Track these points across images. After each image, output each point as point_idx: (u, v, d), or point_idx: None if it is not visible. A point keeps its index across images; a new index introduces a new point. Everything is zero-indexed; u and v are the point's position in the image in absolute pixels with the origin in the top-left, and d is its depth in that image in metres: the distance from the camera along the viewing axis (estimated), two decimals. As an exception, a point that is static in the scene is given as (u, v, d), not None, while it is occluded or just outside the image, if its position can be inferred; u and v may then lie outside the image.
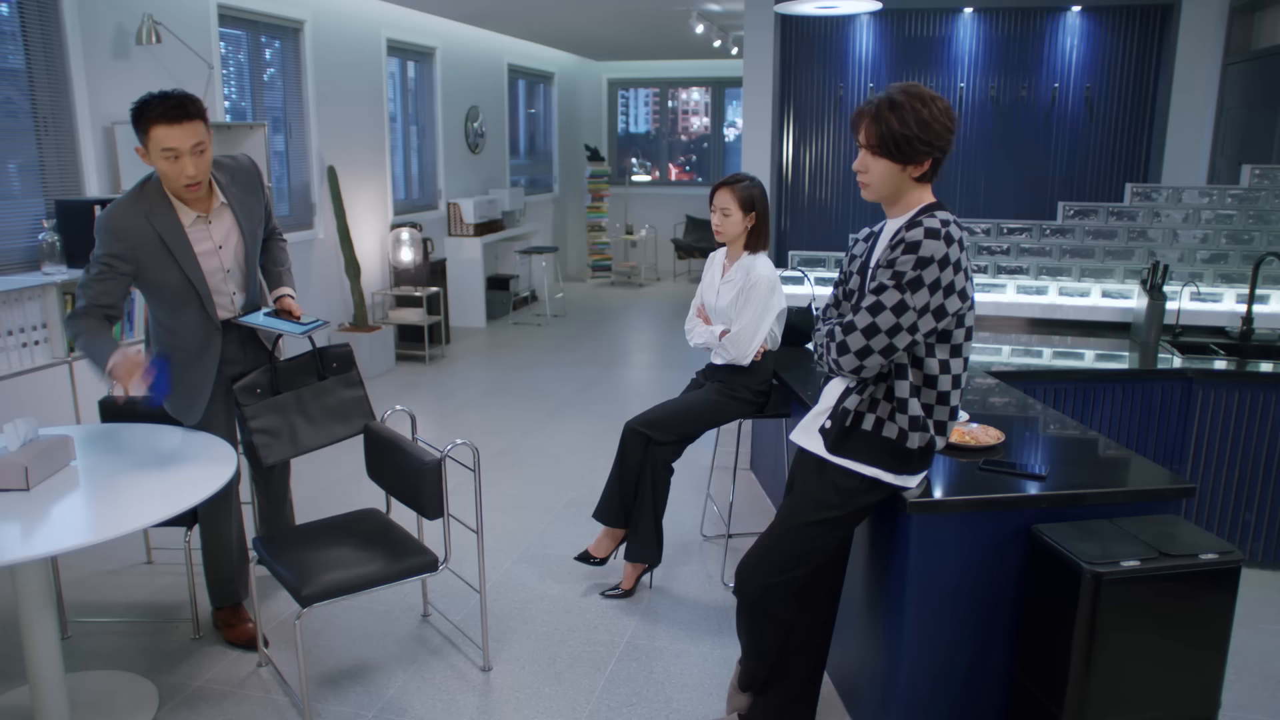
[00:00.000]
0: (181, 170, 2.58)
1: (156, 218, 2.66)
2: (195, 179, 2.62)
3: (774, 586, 2.30)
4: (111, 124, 4.61)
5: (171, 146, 2.55)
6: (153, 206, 2.66)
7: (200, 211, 2.74)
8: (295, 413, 2.99)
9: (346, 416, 3.09)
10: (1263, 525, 3.55)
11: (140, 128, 2.56)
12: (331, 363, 3.09)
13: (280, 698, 2.80)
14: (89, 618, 3.25)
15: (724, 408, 3.37)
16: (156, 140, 2.55)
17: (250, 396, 2.91)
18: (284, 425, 2.97)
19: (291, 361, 3.04)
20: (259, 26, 5.82)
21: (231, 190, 2.83)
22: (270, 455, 2.95)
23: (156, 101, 2.55)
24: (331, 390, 3.07)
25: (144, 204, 2.66)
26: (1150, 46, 5.74)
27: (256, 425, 2.91)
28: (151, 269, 2.68)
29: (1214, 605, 2.09)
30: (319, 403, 3.04)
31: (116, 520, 2.33)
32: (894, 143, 2.05)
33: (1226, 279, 4.20)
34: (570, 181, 11.56)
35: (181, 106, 2.55)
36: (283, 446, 2.97)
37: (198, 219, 2.74)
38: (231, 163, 2.89)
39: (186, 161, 2.58)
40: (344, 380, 3.11)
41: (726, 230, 3.31)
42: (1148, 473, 2.42)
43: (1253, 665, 2.98)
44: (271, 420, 2.93)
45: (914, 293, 2.02)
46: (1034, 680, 2.23)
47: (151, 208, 2.66)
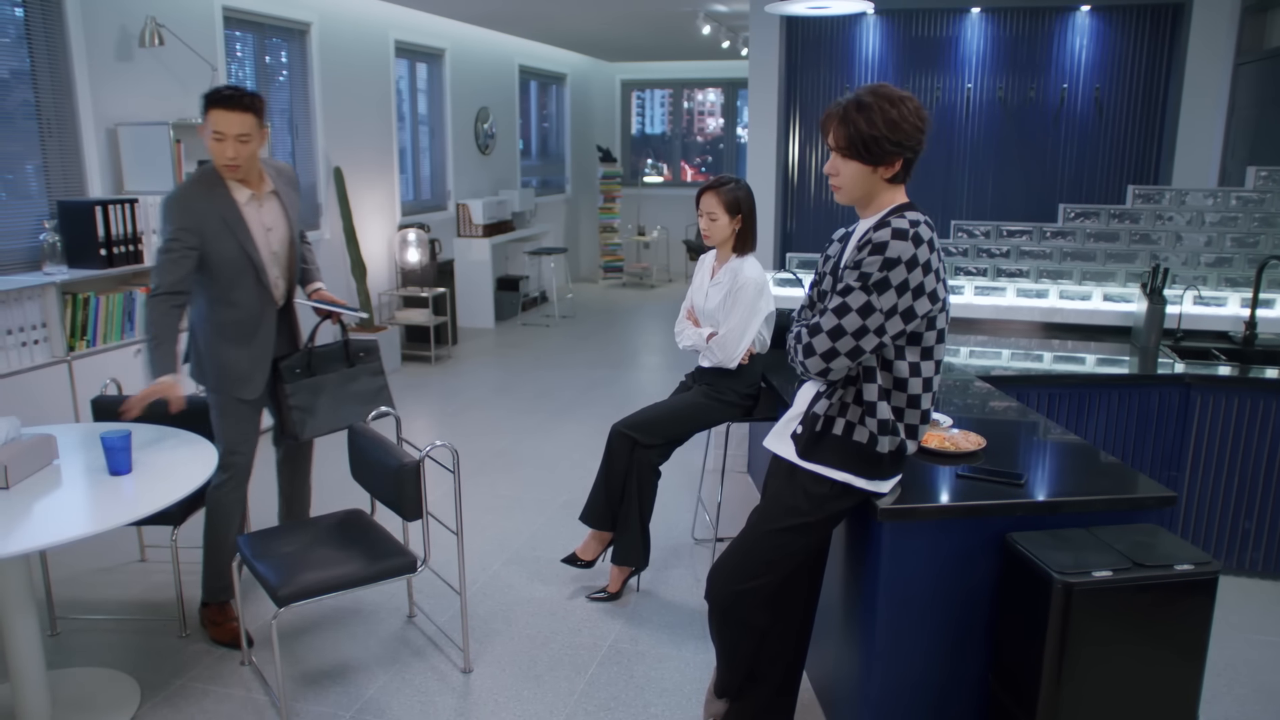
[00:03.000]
0: (222, 151, 2.86)
1: (214, 194, 2.93)
2: (233, 161, 2.88)
3: (744, 593, 2.28)
4: (114, 125, 4.66)
5: (219, 129, 2.84)
6: (211, 186, 2.94)
7: (253, 191, 3.00)
8: (327, 394, 3.27)
9: (370, 401, 3.37)
10: (1263, 534, 3.48)
11: (204, 109, 2.87)
12: (359, 352, 3.38)
13: (260, 696, 2.81)
14: (79, 615, 3.28)
15: (711, 411, 3.35)
16: (210, 121, 2.85)
17: (291, 375, 3.19)
18: (317, 404, 3.24)
19: (323, 349, 3.29)
20: (265, 29, 5.85)
21: (279, 183, 3.11)
22: (305, 431, 3.21)
23: (220, 90, 2.87)
24: (358, 377, 3.36)
25: (204, 183, 2.94)
26: (1161, 46, 5.66)
27: (294, 402, 3.18)
28: (213, 241, 2.91)
29: (1190, 617, 2.04)
30: (347, 387, 3.33)
31: (94, 518, 2.35)
32: (863, 144, 2.02)
33: (1231, 283, 4.12)
34: (582, 182, 11.57)
35: (237, 98, 2.85)
36: (316, 424, 3.24)
37: (251, 198, 2.99)
38: (278, 163, 3.18)
39: (228, 145, 2.86)
40: (370, 369, 3.40)
41: (714, 234, 3.29)
42: (1130, 481, 2.38)
43: (1245, 677, 2.92)
44: (307, 399, 3.21)
45: (880, 294, 1.99)
46: (1007, 691, 2.19)
47: (210, 187, 2.94)
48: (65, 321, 4.10)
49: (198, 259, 2.90)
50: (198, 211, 2.89)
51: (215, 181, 2.94)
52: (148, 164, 4.65)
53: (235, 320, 3.01)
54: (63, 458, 2.72)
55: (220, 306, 3.00)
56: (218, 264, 2.94)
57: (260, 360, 3.07)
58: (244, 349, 3.03)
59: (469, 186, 8.65)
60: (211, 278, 2.96)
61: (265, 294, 3.04)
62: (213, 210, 2.91)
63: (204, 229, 2.89)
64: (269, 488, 4.40)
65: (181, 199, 2.91)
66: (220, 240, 2.92)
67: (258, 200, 3.01)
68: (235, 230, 2.93)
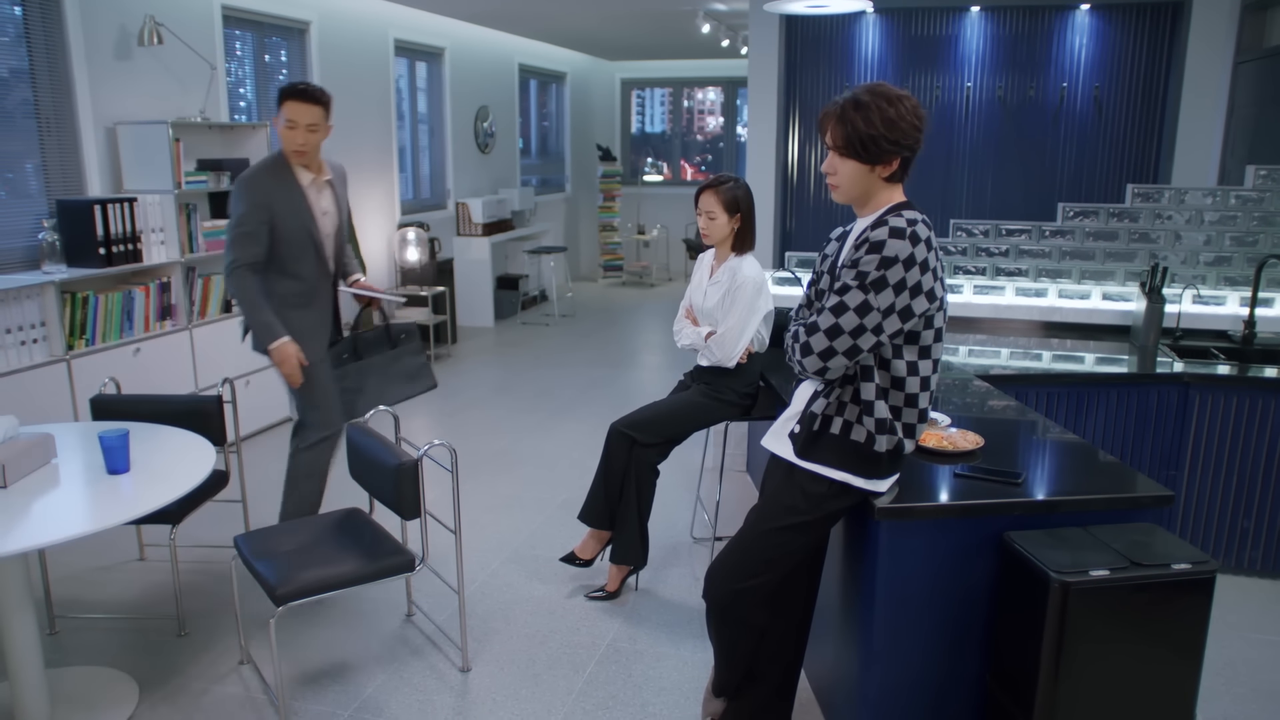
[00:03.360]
0: (293, 138, 3.21)
1: (282, 176, 3.26)
2: (302, 147, 3.23)
3: (743, 592, 2.28)
4: (114, 124, 4.66)
5: (292, 118, 3.19)
6: (279, 168, 3.26)
7: (314, 176, 3.32)
8: (374, 374, 3.59)
9: (415, 377, 3.71)
10: (1261, 533, 3.48)
11: (279, 101, 3.21)
12: (400, 334, 3.68)
13: (259, 695, 2.81)
14: (78, 614, 3.28)
15: (710, 410, 3.35)
16: (284, 111, 3.19)
17: (339, 360, 3.47)
18: (366, 384, 3.55)
19: (367, 334, 3.60)
20: (264, 27, 5.85)
21: (334, 176, 3.43)
22: (357, 409, 3.48)
23: (295, 84, 3.22)
24: (400, 358, 3.68)
25: (273, 167, 3.26)
26: (1160, 45, 5.66)
27: (346, 384, 3.48)
28: (281, 218, 3.22)
29: (1188, 616, 2.04)
30: (392, 368, 3.66)
31: (92, 517, 2.35)
32: (860, 143, 2.02)
33: (1230, 282, 4.12)
34: (582, 181, 11.56)
35: (310, 92, 3.21)
36: (366, 401, 3.51)
37: (312, 182, 3.32)
38: (333, 161, 3.49)
39: (299, 132, 3.20)
40: (411, 349, 3.73)
41: (713, 233, 3.29)
42: (1127, 480, 2.38)
43: (1244, 677, 2.92)
44: (356, 380, 3.52)
45: (878, 293, 1.99)
46: (1005, 690, 2.19)
47: (278, 169, 3.26)
48: (64, 320, 4.10)
49: (268, 235, 3.19)
50: (268, 190, 3.21)
51: (283, 165, 3.26)
52: (147, 163, 4.65)
53: (297, 291, 3.31)
54: (61, 456, 2.72)
55: (283, 278, 3.28)
56: (284, 239, 3.23)
57: (321, 324, 3.38)
58: (306, 312, 3.33)
59: (469, 185, 8.65)
60: (277, 251, 3.24)
61: (323, 268, 3.36)
62: (281, 190, 3.23)
63: (274, 206, 3.20)
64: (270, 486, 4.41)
65: (254, 179, 3.21)
66: (287, 217, 3.23)
67: (317, 186, 3.33)
68: (299, 209, 3.26)
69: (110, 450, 2.56)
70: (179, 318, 4.74)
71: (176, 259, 4.69)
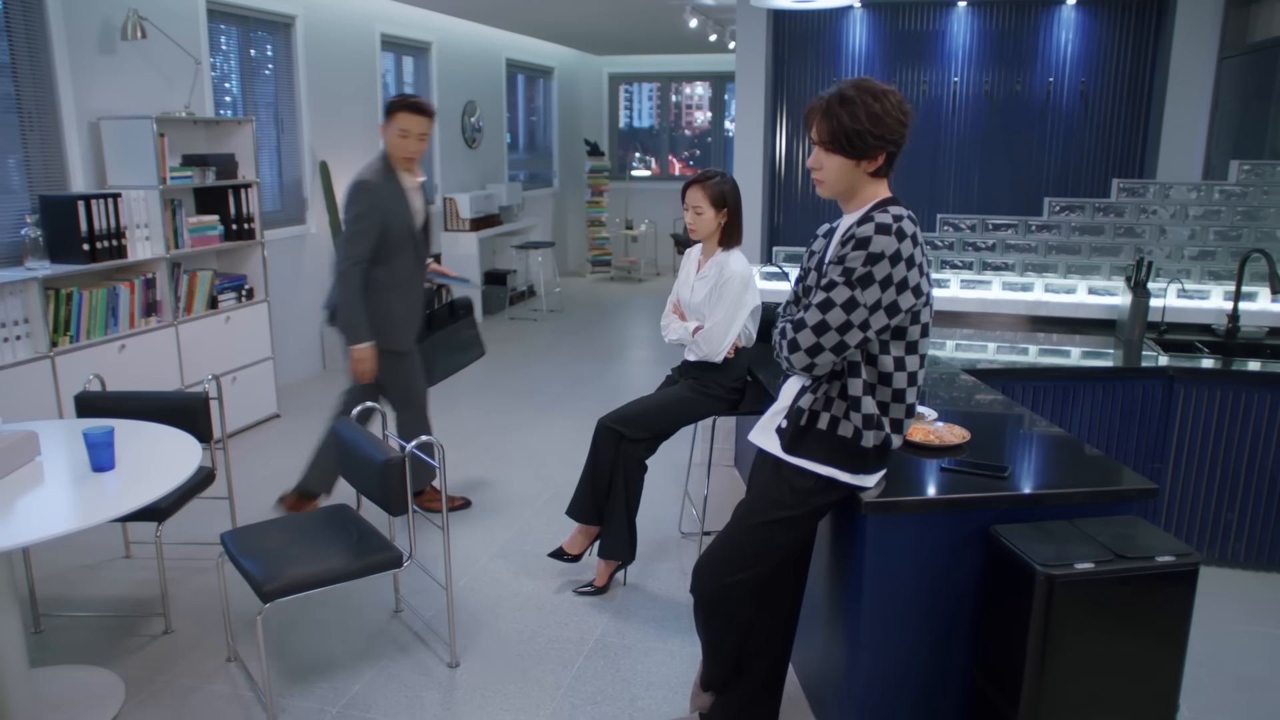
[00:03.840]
0: (406, 146, 3.55)
1: (389, 179, 3.58)
2: (414, 155, 3.60)
3: (730, 586, 2.28)
4: (97, 119, 4.62)
5: (406, 128, 3.52)
6: (389, 173, 3.58)
7: (412, 178, 3.67)
8: (441, 346, 4.01)
9: (469, 347, 4.18)
10: (1244, 525, 3.51)
11: (390, 112, 3.53)
12: (460, 310, 4.13)
13: (246, 692, 2.80)
14: (64, 612, 3.26)
15: (697, 405, 3.35)
16: (399, 121, 3.51)
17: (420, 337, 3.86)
18: (435, 357, 3.96)
19: (436, 310, 4.01)
20: (249, 22, 5.81)
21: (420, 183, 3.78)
22: (432, 379, 3.94)
23: (408, 97, 3.55)
24: (460, 330, 4.14)
25: (383, 171, 3.57)
26: (1145, 40, 5.69)
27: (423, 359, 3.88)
28: (390, 217, 3.54)
29: (1171, 607, 2.06)
30: (453, 339, 4.10)
31: (77, 514, 2.34)
32: (846, 138, 2.02)
33: (1215, 276, 4.15)
34: (570, 176, 11.54)
35: (423, 106, 3.56)
36: (436, 373, 3.98)
37: (410, 186, 3.66)
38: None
39: (411, 142, 3.55)
40: (467, 322, 4.18)
41: (700, 228, 3.29)
42: (1112, 473, 2.39)
43: (1227, 668, 2.95)
44: (429, 354, 3.92)
45: (864, 289, 2.00)
46: (991, 682, 2.21)
47: (388, 174, 3.58)
48: (48, 317, 4.07)
49: (378, 233, 3.50)
50: (382, 194, 3.53)
51: (390, 169, 3.59)
52: (131, 158, 4.61)
53: (398, 282, 3.62)
54: (45, 454, 2.70)
55: (386, 270, 3.59)
56: (389, 235, 3.55)
57: (415, 311, 3.74)
58: (405, 300, 3.66)
59: (456, 180, 8.62)
60: (382, 248, 3.55)
61: (419, 260, 3.73)
62: (391, 193, 3.56)
63: (386, 208, 3.53)
64: (257, 483, 4.39)
65: (372, 184, 3.52)
66: (394, 216, 3.56)
67: (414, 189, 3.69)
68: (404, 210, 3.61)
69: (95, 447, 2.54)
70: (164, 314, 4.71)
71: (162, 255, 4.66)
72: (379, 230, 3.49)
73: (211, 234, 5.04)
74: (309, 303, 6.45)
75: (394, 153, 3.55)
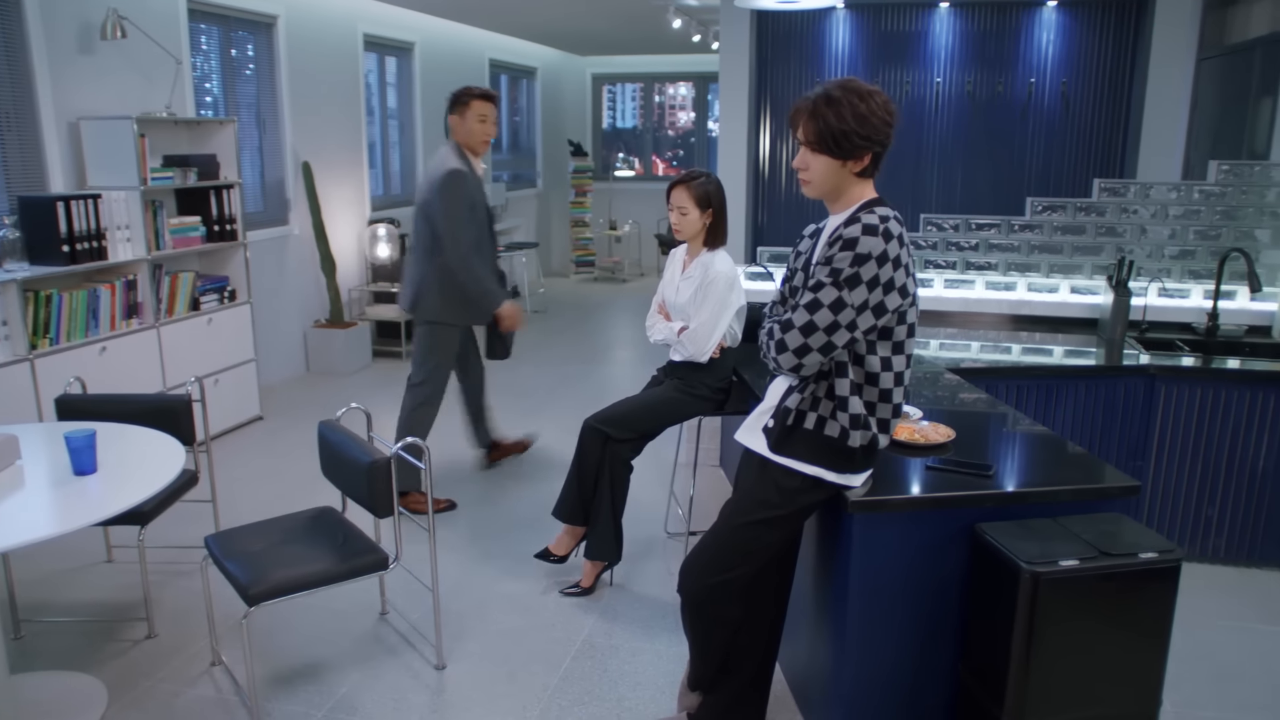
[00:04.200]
0: (486, 131, 3.93)
1: (470, 167, 3.94)
2: (491, 139, 3.98)
3: (716, 585, 2.28)
4: (76, 119, 4.58)
5: (485, 114, 3.92)
6: (466, 161, 3.92)
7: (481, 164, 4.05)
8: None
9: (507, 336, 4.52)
10: (1224, 522, 3.55)
11: (464, 101, 3.91)
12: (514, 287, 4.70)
13: (231, 697, 2.78)
14: (45, 617, 3.23)
15: (683, 405, 3.36)
16: (476, 109, 3.90)
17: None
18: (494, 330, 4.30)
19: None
20: (231, 21, 5.77)
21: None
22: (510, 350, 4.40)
23: (477, 87, 3.97)
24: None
25: (464, 159, 3.91)
26: (1125, 41, 5.74)
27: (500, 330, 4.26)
28: (476, 202, 3.92)
29: (1154, 604, 2.08)
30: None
31: (59, 518, 2.31)
32: (832, 138, 2.03)
33: (1194, 275, 4.19)
34: (554, 177, 11.53)
35: (491, 94, 3.97)
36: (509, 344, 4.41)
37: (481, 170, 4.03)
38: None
39: (489, 125, 3.93)
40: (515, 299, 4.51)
41: (685, 228, 3.30)
42: (1095, 471, 2.41)
43: (1207, 661, 2.98)
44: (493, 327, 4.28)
45: (852, 290, 2.01)
46: (976, 680, 2.22)
47: (467, 162, 3.92)
48: (27, 319, 4.03)
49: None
50: (470, 181, 3.88)
51: (465, 159, 3.91)
52: (111, 159, 4.57)
53: (481, 261, 3.96)
54: (26, 458, 2.67)
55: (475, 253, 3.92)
56: (475, 217, 3.90)
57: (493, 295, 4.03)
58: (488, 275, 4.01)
59: (439, 181, 8.58)
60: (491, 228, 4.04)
61: (493, 240, 4.12)
62: (473, 179, 3.91)
63: (474, 195, 3.89)
64: (241, 486, 4.36)
65: (462, 174, 3.84)
66: (476, 199, 3.92)
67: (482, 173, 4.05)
68: (482, 193, 3.98)
69: (76, 451, 2.52)
70: (146, 316, 4.67)
71: (143, 256, 4.62)
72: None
73: (193, 235, 5.01)
74: (292, 304, 6.41)
75: (474, 138, 3.90)
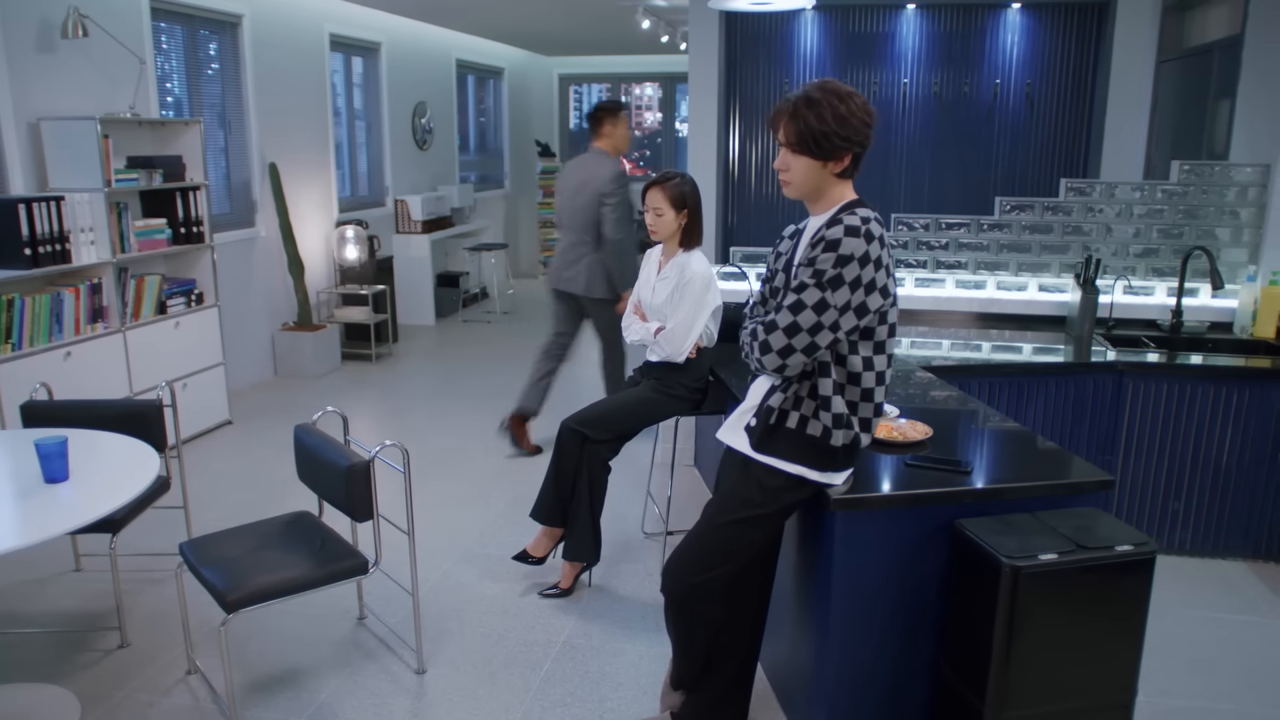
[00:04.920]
0: (629, 137, 4.69)
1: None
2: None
3: (699, 585, 2.29)
4: (37, 119, 4.49)
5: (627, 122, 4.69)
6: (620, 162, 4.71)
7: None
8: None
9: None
10: (1190, 514, 3.62)
11: (613, 112, 4.67)
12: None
13: (208, 705, 2.75)
14: (12, 629, 3.16)
15: (660, 405, 3.37)
16: (624, 119, 4.68)
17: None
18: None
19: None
20: (195, 20, 5.69)
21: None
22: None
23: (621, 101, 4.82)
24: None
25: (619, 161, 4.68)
26: (1088, 43, 5.83)
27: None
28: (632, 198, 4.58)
29: (1130, 595, 2.12)
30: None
31: (32, 527, 2.26)
32: (813, 139, 2.05)
33: (1158, 272, 4.27)
34: (521, 177, 11.49)
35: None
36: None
37: None
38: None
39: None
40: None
41: (660, 229, 3.30)
42: (1070, 466, 2.45)
43: (1178, 651, 3.04)
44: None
45: (834, 291, 2.03)
46: (957, 674, 2.25)
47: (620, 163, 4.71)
48: (-11, 324, 3.95)
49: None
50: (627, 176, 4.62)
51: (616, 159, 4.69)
52: (74, 159, 4.49)
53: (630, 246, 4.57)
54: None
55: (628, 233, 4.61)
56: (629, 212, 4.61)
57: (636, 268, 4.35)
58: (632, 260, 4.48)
59: (407, 182, 8.53)
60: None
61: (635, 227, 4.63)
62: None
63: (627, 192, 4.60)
64: (212, 491, 4.30)
65: (625, 172, 4.57)
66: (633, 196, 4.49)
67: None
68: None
69: (47, 458, 2.47)
70: (111, 320, 4.59)
71: (108, 259, 4.54)
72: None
73: (159, 237, 4.93)
74: (260, 307, 6.33)
75: (624, 144, 4.66)
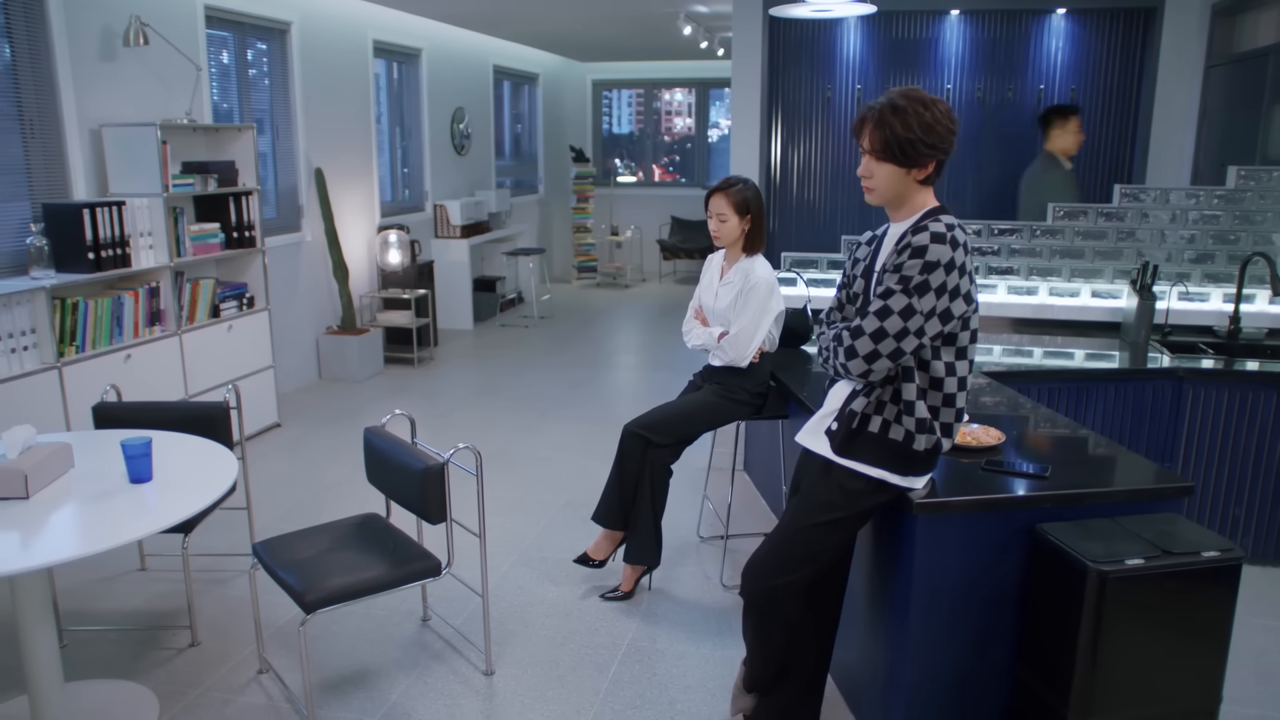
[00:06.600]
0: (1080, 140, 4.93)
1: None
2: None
3: (780, 588, 2.31)
4: (99, 126, 4.57)
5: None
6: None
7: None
8: None
9: None
10: (1252, 521, 3.60)
11: (1065, 116, 4.83)
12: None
13: (282, 704, 2.79)
14: (84, 626, 3.22)
15: (722, 410, 3.38)
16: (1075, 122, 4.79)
17: None
18: None
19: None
20: (245, 28, 5.78)
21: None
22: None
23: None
24: None
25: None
26: (1134, 49, 5.81)
27: None
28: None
29: (1215, 602, 2.12)
30: None
31: (116, 530, 2.31)
32: (898, 147, 2.07)
33: (1213, 279, 4.25)
34: (555, 183, 11.55)
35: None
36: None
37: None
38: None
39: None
40: None
41: (724, 235, 3.32)
42: (1146, 471, 2.45)
43: (1246, 659, 3.02)
44: None
45: (920, 297, 2.04)
46: (1039, 677, 2.25)
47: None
48: (55, 327, 4.02)
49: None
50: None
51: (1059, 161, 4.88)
52: (134, 165, 4.57)
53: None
54: (76, 466, 2.67)
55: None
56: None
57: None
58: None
59: (446, 187, 8.60)
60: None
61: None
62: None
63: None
64: (269, 491, 4.36)
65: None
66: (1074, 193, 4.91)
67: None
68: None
69: (134, 459, 2.52)
70: (168, 323, 4.67)
71: (165, 263, 4.61)
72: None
73: (213, 242, 5.00)
74: (304, 311, 6.41)
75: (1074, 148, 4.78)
